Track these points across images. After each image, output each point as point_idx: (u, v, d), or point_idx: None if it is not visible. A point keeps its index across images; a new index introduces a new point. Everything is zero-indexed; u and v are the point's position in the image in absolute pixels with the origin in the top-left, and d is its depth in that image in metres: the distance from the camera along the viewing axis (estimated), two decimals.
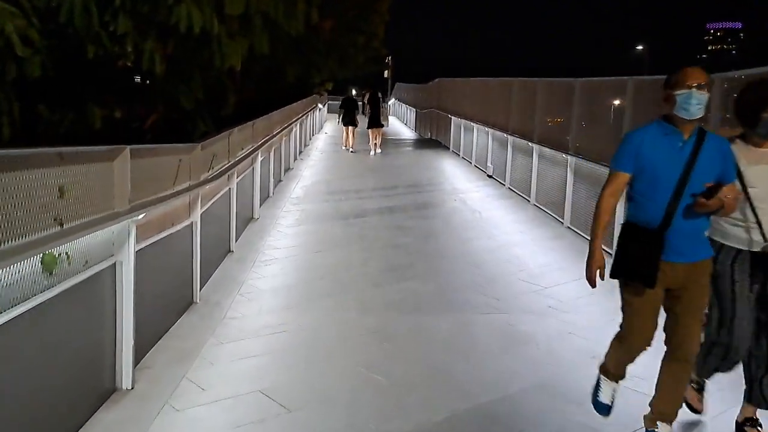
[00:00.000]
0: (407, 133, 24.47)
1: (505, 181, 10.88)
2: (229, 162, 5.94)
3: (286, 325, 4.28)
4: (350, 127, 15.88)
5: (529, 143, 9.40)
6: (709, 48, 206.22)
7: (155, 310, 3.81)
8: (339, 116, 16.39)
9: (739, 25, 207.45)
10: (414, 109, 26.39)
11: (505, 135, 10.90)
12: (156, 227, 3.79)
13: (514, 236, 7.44)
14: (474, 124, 13.54)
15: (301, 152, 14.97)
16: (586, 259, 2.73)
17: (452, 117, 16.50)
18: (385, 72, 41.78)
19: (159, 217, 3.81)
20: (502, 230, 7.76)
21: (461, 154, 15.08)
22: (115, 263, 3.10)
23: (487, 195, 10.31)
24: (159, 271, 3.87)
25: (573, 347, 4.06)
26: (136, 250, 3.20)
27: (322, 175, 12.13)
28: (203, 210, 4.83)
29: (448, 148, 16.84)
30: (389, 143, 19.42)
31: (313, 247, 6.62)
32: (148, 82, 6.24)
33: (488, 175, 12.05)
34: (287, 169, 11.81)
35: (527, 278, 5.62)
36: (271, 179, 9.16)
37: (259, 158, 7.71)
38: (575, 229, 7.52)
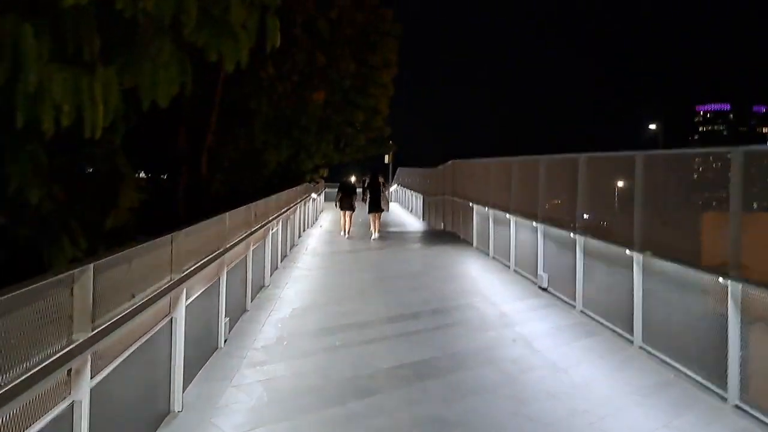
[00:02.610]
0: (415, 224, 21.05)
1: (575, 300, 7.45)
2: (74, 343, 2.56)
3: None
4: (348, 212, 15.31)
5: (627, 250, 6.07)
6: (700, 129, 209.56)
7: None
8: (336, 201, 15.73)
9: (727, 106, 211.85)
10: (421, 196, 23.27)
11: (570, 234, 7.61)
12: None
13: None
14: (510, 216, 10.30)
15: (285, 257, 11.50)
16: None
17: (474, 205, 13.33)
18: (386, 156, 39.13)
19: None
20: (622, 419, 4.24)
21: (491, 253, 11.73)
22: None
23: (556, 327, 6.83)
24: None
25: None
26: None
27: (309, 295, 8.58)
28: None
29: (471, 244, 13.52)
30: (395, 236, 16.19)
31: None
32: None
33: (541, 288, 8.66)
34: (260, 288, 8.38)
35: None
36: (221, 320, 5.69)
37: (184, 301, 4.30)
38: (752, 412, 4.06)
